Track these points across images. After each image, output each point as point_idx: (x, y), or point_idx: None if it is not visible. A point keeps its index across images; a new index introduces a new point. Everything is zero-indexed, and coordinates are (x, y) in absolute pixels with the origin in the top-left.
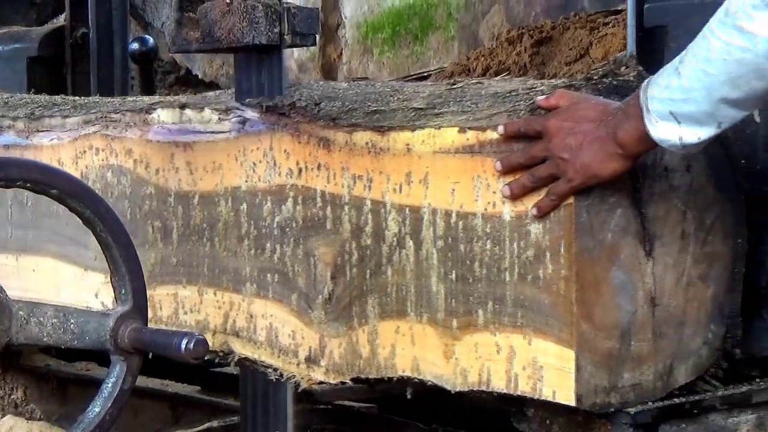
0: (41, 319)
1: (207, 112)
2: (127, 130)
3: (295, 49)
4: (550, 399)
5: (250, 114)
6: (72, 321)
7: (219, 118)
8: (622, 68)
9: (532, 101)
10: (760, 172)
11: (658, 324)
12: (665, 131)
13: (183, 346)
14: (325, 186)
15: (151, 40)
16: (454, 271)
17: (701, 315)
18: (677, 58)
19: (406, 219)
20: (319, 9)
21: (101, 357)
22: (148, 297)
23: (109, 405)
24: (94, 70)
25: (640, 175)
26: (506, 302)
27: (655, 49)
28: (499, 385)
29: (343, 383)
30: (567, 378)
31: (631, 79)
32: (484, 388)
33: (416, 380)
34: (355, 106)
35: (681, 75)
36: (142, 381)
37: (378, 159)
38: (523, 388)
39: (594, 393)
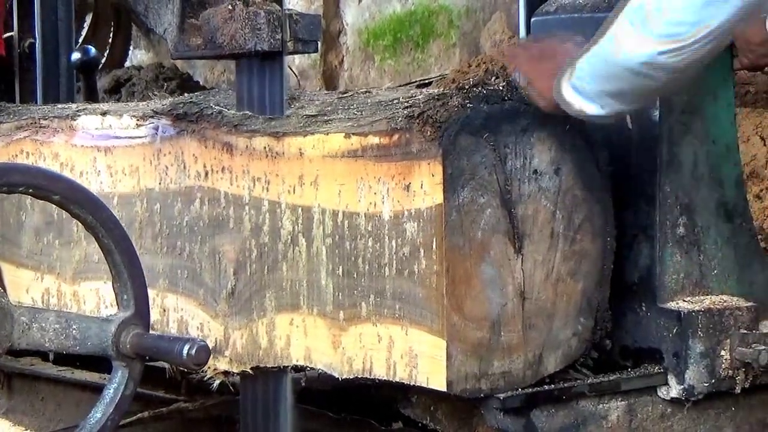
0: (43, 324)
1: (126, 118)
2: (54, 135)
3: (296, 55)
4: (424, 385)
5: (164, 120)
6: (74, 327)
7: (137, 124)
8: (493, 78)
9: (409, 107)
10: (633, 176)
11: (528, 316)
12: (569, 95)
13: (185, 352)
14: (229, 188)
15: (92, 50)
16: (341, 267)
17: (570, 308)
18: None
19: (299, 218)
20: (321, 16)
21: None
22: (74, 293)
23: (111, 411)
24: (40, 79)
25: (510, 177)
26: (386, 295)
27: None
28: (380, 372)
29: (245, 372)
30: (439, 365)
31: (501, 88)
32: (367, 375)
33: (309, 369)
34: (255, 113)
35: (585, 55)
36: (80, 375)
37: (274, 162)
38: (401, 375)
39: (464, 380)
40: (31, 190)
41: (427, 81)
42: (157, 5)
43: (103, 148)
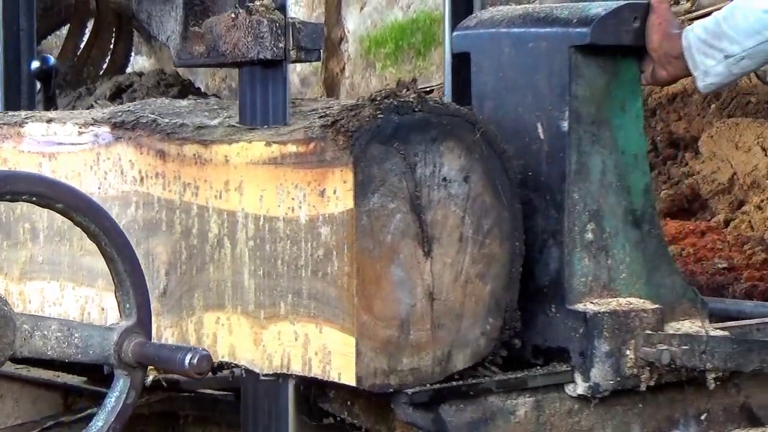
0: (45, 332)
1: (69, 125)
2: (3, 142)
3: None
4: (336, 380)
5: (103, 128)
6: (76, 335)
7: (79, 131)
8: (404, 90)
9: (324, 117)
10: (544, 183)
11: (437, 316)
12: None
13: (187, 361)
14: (162, 192)
15: (51, 59)
16: (262, 268)
17: (479, 309)
18: None
19: (224, 222)
20: (323, 24)
21: None
22: (21, 292)
23: (112, 419)
24: (1, 87)
25: (420, 183)
26: (303, 295)
27: (464, 72)
28: (297, 368)
29: None
30: (349, 362)
31: (411, 100)
32: (285, 371)
33: (233, 365)
34: (186, 121)
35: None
36: (36, 372)
37: (203, 169)
38: (316, 372)
39: (374, 375)
40: (34, 199)
41: (428, 89)
42: (160, 13)
43: (47, 154)
